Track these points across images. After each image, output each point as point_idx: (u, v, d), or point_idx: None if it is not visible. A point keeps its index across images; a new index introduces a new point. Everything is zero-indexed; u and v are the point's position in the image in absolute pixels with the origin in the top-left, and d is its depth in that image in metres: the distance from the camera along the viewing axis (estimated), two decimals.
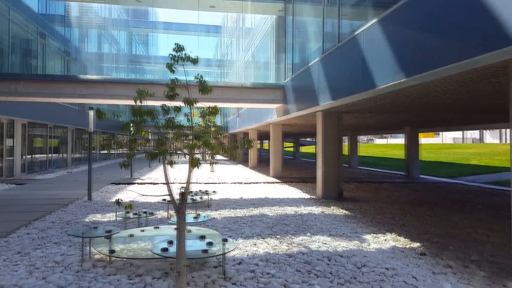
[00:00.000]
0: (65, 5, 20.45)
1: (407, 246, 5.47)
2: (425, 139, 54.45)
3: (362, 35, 6.44)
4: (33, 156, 16.76)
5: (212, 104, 4.30)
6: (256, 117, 16.90)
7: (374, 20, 5.94)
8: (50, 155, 18.65)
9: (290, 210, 8.26)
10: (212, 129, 4.63)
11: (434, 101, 7.46)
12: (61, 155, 20.37)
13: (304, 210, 8.30)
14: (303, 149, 50.80)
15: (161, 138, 3.80)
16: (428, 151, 38.83)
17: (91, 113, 9.60)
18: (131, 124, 3.80)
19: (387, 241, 5.76)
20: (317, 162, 10.66)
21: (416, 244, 5.58)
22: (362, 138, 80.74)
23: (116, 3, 14.52)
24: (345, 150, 25.69)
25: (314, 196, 10.45)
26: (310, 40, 10.74)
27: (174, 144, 4.42)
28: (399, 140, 61.84)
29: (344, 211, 8.26)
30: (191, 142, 4.09)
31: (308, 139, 45.56)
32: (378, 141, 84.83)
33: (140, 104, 3.81)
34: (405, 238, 5.95)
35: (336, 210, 8.34)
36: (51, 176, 15.85)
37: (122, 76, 34.62)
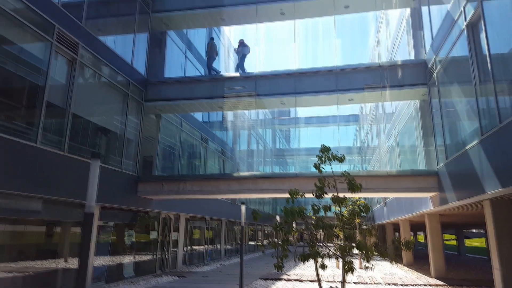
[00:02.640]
0: (222, 113, 24.09)
1: None
2: None
3: None
4: (192, 247, 18.55)
5: (357, 195, 4.10)
6: (407, 207, 15.42)
7: None
8: (206, 246, 20.40)
9: None
10: (357, 220, 4.34)
11: None
12: (215, 246, 22.07)
13: None
14: (469, 242, 43.07)
15: (312, 239, 3.73)
16: None
17: (243, 208, 10.33)
18: (283, 224, 3.87)
19: None
20: (492, 261, 8.73)
21: None
22: None
23: (264, 108, 16.46)
24: None
25: None
26: (462, 120, 9.75)
27: (325, 243, 4.26)
28: None
29: None
30: (342, 243, 3.86)
31: (473, 231, 38.73)
32: None
33: (293, 198, 3.90)
34: None
35: None
36: (206, 268, 17.07)
37: (267, 170, 37.31)
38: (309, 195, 3.98)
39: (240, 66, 15.79)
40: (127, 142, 12.46)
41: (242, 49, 15.92)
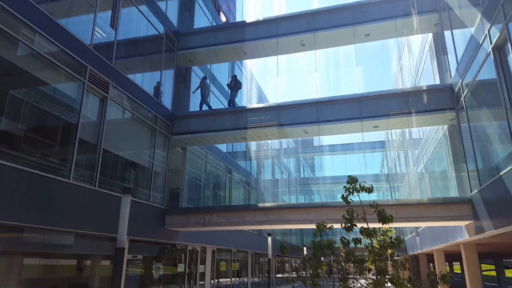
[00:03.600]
0: (246, 144, 24.30)
1: None
2: None
3: None
4: (219, 280, 18.26)
5: (387, 225, 3.98)
6: (441, 237, 14.73)
7: None
8: (233, 279, 20.03)
9: None
10: (389, 251, 4.18)
11: None
12: (241, 279, 21.63)
13: None
14: (509, 273, 40.27)
15: (343, 273, 3.60)
16: None
17: (270, 239, 10.19)
18: (313, 258, 3.78)
19: None
20: None
21: None
22: None
23: (287, 137, 16.56)
24: None
25: None
26: (494, 145, 9.42)
27: (356, 277, 4.11)
28: None
29: None
30: (374, 276, 3.72)
31: None
32: None
33: (320, 231, 3.83)
34: None
35: None
36: None
37: (292, 199, 36.86)
38: (337, 226, 3.89)
39: (232, 101, 16.05)
40: (154, 175, 12.70)
41: (235, 85, 16.23)
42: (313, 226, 13.21)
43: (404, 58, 21.58)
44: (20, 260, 7.92)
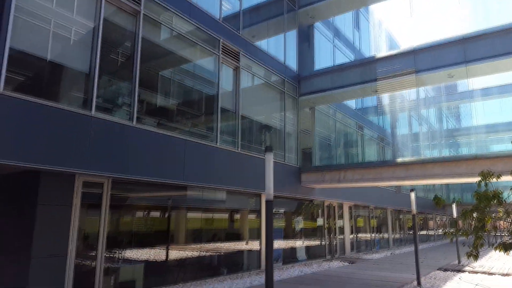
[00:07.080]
0: (377, 98, 22.89)
1: None
2: None
3: None
4: (358, 235, 18.31)
5: None
6: None
7: None
8: (372, 235, 19.83)
9: None
10: None
11: None
12: (381, 235, 21.23)
13: None
14: None
15: None
16: None
17: (413, 195, 9.62)
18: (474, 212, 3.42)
19: None
20: None
21: None
22: None
23: (425, 85, 14.92)
24: None
25: None
26: None
27: None
28: None
29: None
30: None
31: None
32: None
33: (485, 185, 3.41)
34: None
35: None
36: (376, 256, 16.59)
37: (435, 154, 33.62)
38: (506, 178, 3.38)
39: None
40: (287, 137, 13.17)
41: None
42: (463, 180, 11.88)
43: None
44: (185, 215, 9.39)
